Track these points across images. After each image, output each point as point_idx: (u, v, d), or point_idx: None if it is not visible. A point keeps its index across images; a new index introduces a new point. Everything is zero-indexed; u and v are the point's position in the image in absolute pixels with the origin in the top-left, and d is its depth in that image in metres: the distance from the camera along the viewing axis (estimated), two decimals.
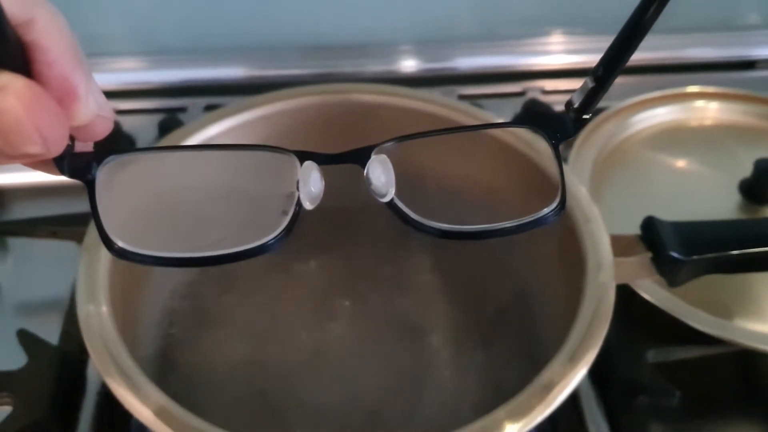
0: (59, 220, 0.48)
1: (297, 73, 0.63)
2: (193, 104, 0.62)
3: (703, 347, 0.42)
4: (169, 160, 0.38)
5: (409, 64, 0.66)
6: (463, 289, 0.45)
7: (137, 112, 0.61)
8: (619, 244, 0.37)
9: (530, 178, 0.39)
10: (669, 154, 0.56)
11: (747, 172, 0.51)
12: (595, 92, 0.24)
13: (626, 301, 0.38)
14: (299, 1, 0.63)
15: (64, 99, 0.20)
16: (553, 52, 0.66)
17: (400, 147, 0.25)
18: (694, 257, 0.37)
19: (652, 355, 0.42)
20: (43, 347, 0.41)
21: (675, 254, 0.37)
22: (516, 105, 0.62)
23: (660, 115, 0.58)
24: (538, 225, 0.25)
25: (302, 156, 0.24)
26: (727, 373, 0.44)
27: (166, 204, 0.39)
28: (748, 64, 0.68)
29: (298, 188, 0.23)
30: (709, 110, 0.59)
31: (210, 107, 0.60)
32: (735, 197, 0.52)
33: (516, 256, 0.43)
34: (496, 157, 0.41)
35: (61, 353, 0.41)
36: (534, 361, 0.34)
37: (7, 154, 0.19)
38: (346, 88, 0.45)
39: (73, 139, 0.22)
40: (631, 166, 0.55)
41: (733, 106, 0.58)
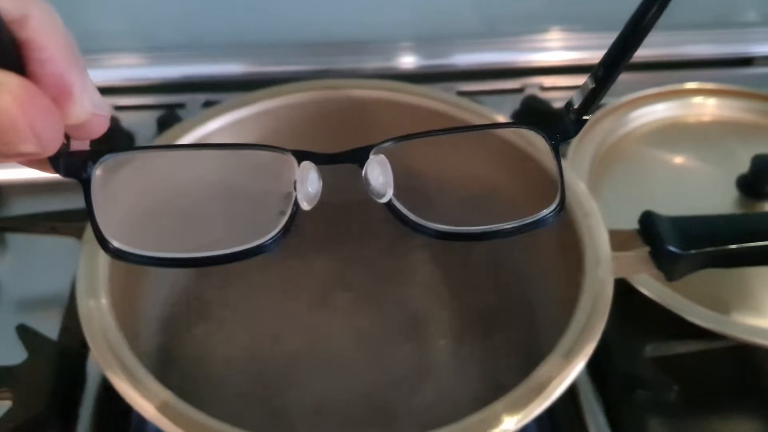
0: (59, 216, 0.48)
1: (296, 69, 0.63)
2: (192, 100, 0.62)
3: (700, 342, 0.42)
4: (166, 159, 0.38)
5: (409, 61, 0.66)
6: (463, 284, 0.45)
7: (136, 108, 0.61)
8: (618, 239, 0.38)
9: (532, 176, 0.39)
10: (667, 150, 0.56)
11: (744, 168, 0.52)
12: (595, 93, 0.24)
13: (624, 296, 0.38)
14: None
15: (59, 97, 0.20)
16: (552, 48, 0.66)
17: (398, 146, 0.25)
18: (692, 251, 0.37)
19: (650, 350, 0.42)
20: (43, 342, 0.41)
21: (673, 248, 0.37)
22: (515, 101, 0.62)
23: (658, 112, 0.58)
24: (538, 226, 0.25)
25: (300, 155, 0.24)
26: (724, 368, 0.44)
27: (163, 203, 0.39)
28: (746, 61, 0.68)
29: (295, 188, 0.23)
30: (707, 107, 0.59)
31: (209, 103, 0.60)
32: (733, 193, 0.52)
33: (515, 250, 0.43)
34: (496, 154, 0.41)
35: (61, 348, 0.41)
36: (532, 355, 0.34)
37: (1, 153, 0.19)
38: (346, 84, 0.45)
39: (68, 138, 0.22)
40: (630, 163, 0.55)
41: (731, 103, 0.58)
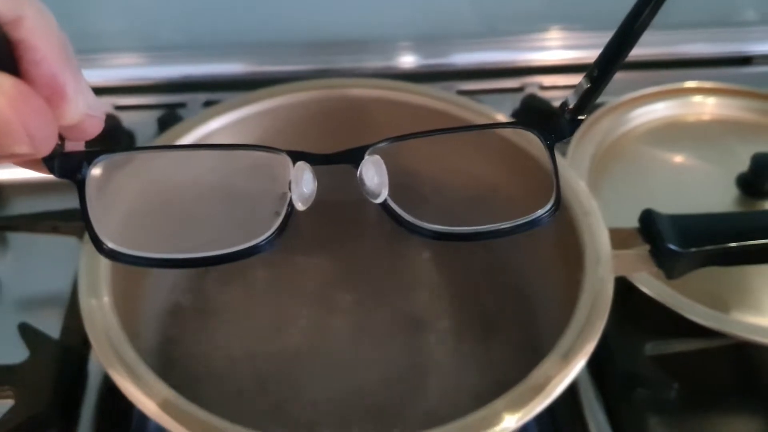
0: (60, 216, 0.48)
1: (296, 69, 0.63)
2: (193, 100, 0.62)
3: (700, 340, 0.42)
4: (161, 160, 0.38)
5: (408, 60, 0.66)
6: (463, 282, 0.45)
7: (137, 108, 0.61)
8: (618, 237, 0.38)
9: (531, 175, 0.39)
10: (667, 149, 0.56)
11: (744, 167, 0.52)
12: (590, 93, 0.24)
13: (624, 294, 0.38)
14: None
15: (53, 98, 0.20)
16: (552, 48, 0.66)
17: (395, 146, 0.25)
18: (692, 249, 0.38)
19: (650, 348, 0.42)
20: (45, 341, 0.41)
21: (673, 246, 0.37)
22: (514, 100, 0.62)
23: (658, 111, 0.58)
24: (533, 226, 0.25)
25: (295, 156, 0.24)
26: (724, 366, 0.44)
27: (159, 204, 0.39)
28: (745, 60, 0.68)
29: (290, 189, 0.23)
30: (706, 105, 0.59)
31: (209, 103, 0.60)
32: (732, 191, 0.52)
33: (515, 249, 0.43)
34: (494, 153, 0.41)
35: (63, 347, 0.41)
36: (533, 354, 0.34)
37: None
38: (347, 83, 0.45)
39: (62, 139, 0.22)
40: (629, 161, 0.55)
41: (731, 102, 0.59)
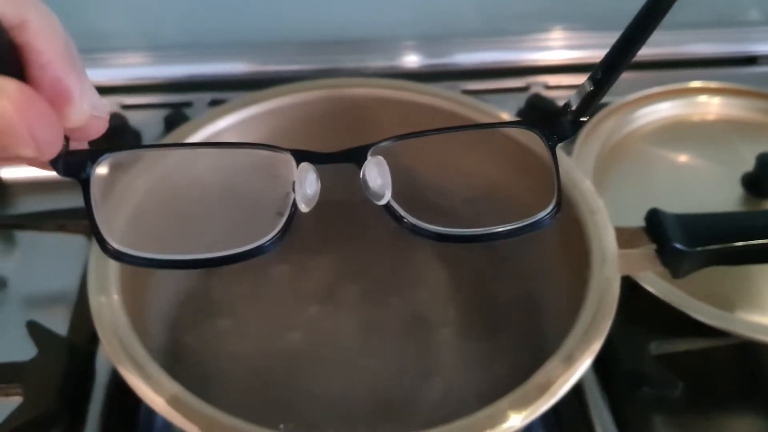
0: (67, 214, 0.49)
1: (300, 69, 0.63)
2: (199, 99, 0.62)
3: (705, 339, 0.42)
4: (166, 159, 0.38)
5: (412, 60, 0.66)
6: (468, 281, 0.45)
7: (143, 107, 0.62)
8: (624, 236, 0.38)
9: (533, 173, 0.39)
10: (672, 148, 0.56)
11: (749, 166, 0.52)
12: (593, 96, 0.24)
13: (629, 293, 0.38)
14: None
15: (58, 101, 0.20)
16: (556, 47, 0.66)
17: (398, 145, 0.24)
18: (698, 249, 0.38)
19: (655, 347, 0.42)
20: (53, 339, 0.42)
21: (679, 246, 0.37)
22: (519, 100, 0.62)
23: (663, 110, 0.58)
24: (535, 228, 0.25)
25: (298, 155, 0.24)
26: (729, 365, 0.45)
27: (164, 202, 0.39)
28: (750, 60, 0.69)
29: (294, 190, 0.23)
30: (711, 105, 0.59)
31: (215, 102, 0.60)
32: (737, 191, 0.52)
33: (521, 247, 0.43)
34: (497, 152, 0.41)
35: (70, 345, 0.42)
36: (538, 353, 0.34)
37: (1, 159, 0.19)
38: (353, 83, 0.46)
39: (67, 138, 0.22)
40: (635, 161, 0.55)
41: (735, 102, 0.59)
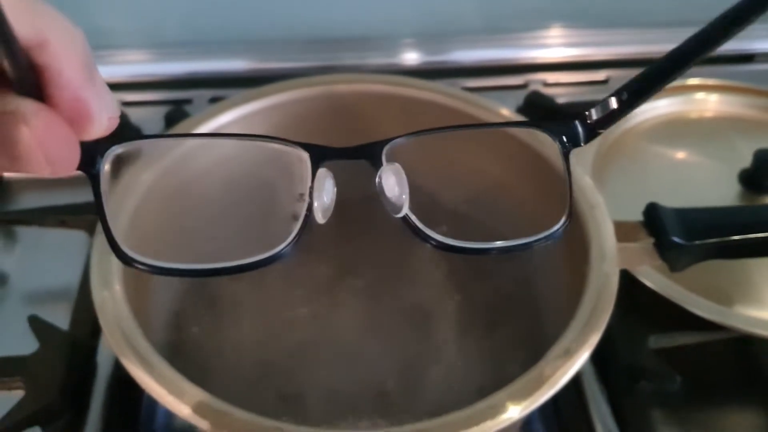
0: (68, 210, 0.49)
1: (299, 66, 0.63)
2: (199, 96, 0.62)
3: (703, 333, 0.42)
4: (171, 153, 0.38)
5: (412, 57, 0.66)
6: (468, 275, 0.45)
7: (144, 104, 0.62)
8: (622, 230, 0.38)
9: (540, 174, 0.39)
10: (670, 145, 0.56)
11: (747, 163, 0.52)
12: (616, 114, 0.24)
13: (628, 288, 0.38)
14: None
15: (77, 120, 0.19)
16: (555, 45, 0.67)
17: (406, 144, 0.24)
18: (696, 242, 0.38)
19: (654, 341, 0.42)
20: (54, 333, 0.42)
21: (677, 239, 0.38)
22: (518, 97, 0.62)
23: (661, 107, 0.58)
24: (550, 240, 0.25)
25: (311, 149, 0.23)
26: (727, 359, 0.45)
27: (167, 198, 0.39)
28: (748, 58, 0.69)
29: (311, 196, 0.23)
30: (709, 102, 0.59)
31: (215, 99, 0.60)
32: (735, 187, 0.52)
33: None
34: (502, 150, 0.41)
35: (72, 339, 0.42)
36: (538, 346, 0.34)
37: (12, 170, 0.19)
38: (355, 78, 0.45)
39: None
40: (633, 158, 0.55)
41: (733, 99, 0.59)
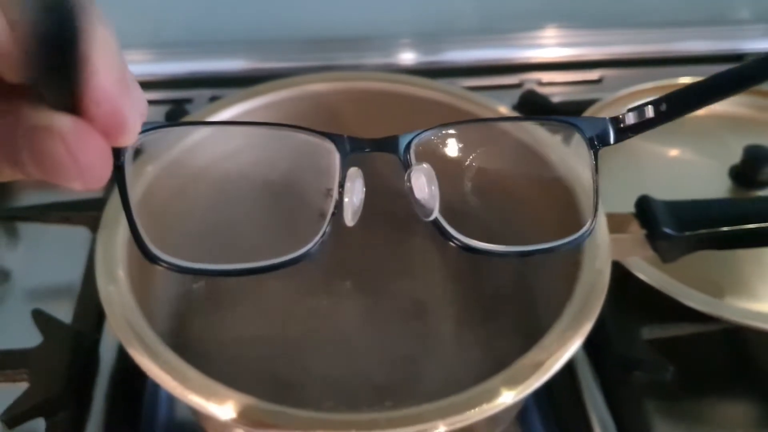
0: (71, 206, 0.49)
1: (298, 65, 0.64)
2: (199, 95, 0.63)
3: (695, 324, 0.43)
4: (195, 152, 0.38)
5: (408, 57, 0.67)
6: (464, 267, 0.45)
7: None
8: (615, 222, 0.38)
9: (541, 174, 0.39)
10: (661, 142, 0.57)
11: (737, 159, 0.53)
12: (650, 123, 0.25)
13: (621, 280, 0.39)
14: None
15: (113, 132, 0.19)
16: (550, 45, 0.67)
17: (422, 142, 0.24)
18: (687, 233, 0.38)
19: (647, 332, 0.43)
20: (58, 326, 0.42)
21: (668, 231, 0.38)
22: (513, 96, 0.63)
23: None
24: (575, 244, 0.25)
25: (339, 142, 0.22)
26: (719, 349, 0.46)
27: (195, 203, 0.39)
28: (738, 58, 0.70)
29: (340, 194, 0.22)
30: None
31: (215, 98, 0.61)
32: (725, 182, 0.53)
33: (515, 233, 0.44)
34: (503, 150, 0.42)
35: (75, 332, 0.42)
36: (533, 336, 0.35)
37: (42, 179, 0.19)
38: (356, 76, 0.46)
39: None
40: (625, 155, 0.55)
41: None
